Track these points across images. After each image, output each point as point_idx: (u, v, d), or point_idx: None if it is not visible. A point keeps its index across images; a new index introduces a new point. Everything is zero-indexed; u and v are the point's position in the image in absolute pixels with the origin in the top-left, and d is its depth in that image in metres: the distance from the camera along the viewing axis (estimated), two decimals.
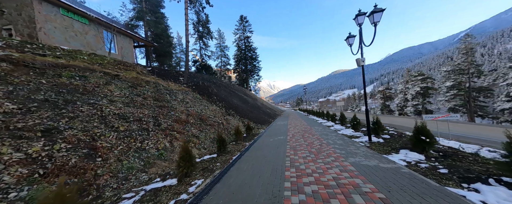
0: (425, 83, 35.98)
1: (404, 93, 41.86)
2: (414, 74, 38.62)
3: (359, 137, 6.35)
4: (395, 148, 4.66)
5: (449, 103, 31.60)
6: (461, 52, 29.93)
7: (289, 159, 4.37)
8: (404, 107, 41.26)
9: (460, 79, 30.31)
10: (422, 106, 36.62)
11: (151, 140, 5.34)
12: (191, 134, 7.04)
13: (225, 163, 4.51)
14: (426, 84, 35.75)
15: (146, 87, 9.31)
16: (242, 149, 6.09)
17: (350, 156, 4.19)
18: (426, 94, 36.07)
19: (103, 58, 11.17)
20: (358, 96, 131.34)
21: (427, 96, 36.19)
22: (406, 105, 40.32)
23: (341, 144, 5.54)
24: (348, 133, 7.57)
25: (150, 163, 4.44)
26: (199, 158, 5.46)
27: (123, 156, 4.23)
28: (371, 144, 5.32)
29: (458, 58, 30.53)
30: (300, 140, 6.79)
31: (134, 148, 4.68)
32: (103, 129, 4.68)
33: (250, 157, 4.83)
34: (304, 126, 11.58)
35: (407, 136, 5.88)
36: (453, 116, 7.08)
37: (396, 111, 43.17)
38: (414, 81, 37.79)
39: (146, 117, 6.42)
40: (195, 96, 12.57)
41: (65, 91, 5.40)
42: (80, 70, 7.15)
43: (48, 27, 11.18)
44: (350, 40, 6.10)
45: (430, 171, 3.11)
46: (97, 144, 4.10)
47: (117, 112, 5.67)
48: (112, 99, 6.28)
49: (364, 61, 5.33)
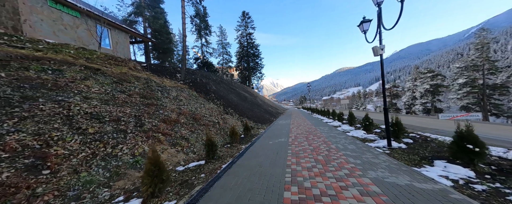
0: (435, 80, 34.36)
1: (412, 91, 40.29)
2: (423, 71, 36.98)
3: (375, 141, 5.38)
4: (424, 157, 3.69)
5: (461, 101, 30.03)
6: (476, 47, 28.22)
7: (290, 170, 3.47)
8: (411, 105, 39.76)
9: (473, 76, 28.68)
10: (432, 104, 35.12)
11: (127, 144, 4.52)
12: (179, 136, 6.21)
13: (211, 175, 3.64)
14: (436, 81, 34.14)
15: (135, 83, 8.52)
16: (235, 154, 5.22)
17: (369, 168, 3.26)
18: (436, 92, 34.51)
19: (92, 52, 10.42)
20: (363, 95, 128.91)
21: (437, 94, 34.64)
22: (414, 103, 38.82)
23: (354, 150, 4.60)
24: (359, 135, 6.60)
25: (119, 174, 3.61)
26: (183, 165, 4.62)
27: (83, 165, 3.41)
28: (392, 150, 4.36)
29: (472, 54, 28.82)
30: (303, 143, 5.87)
31: (102, 154, 3.86)
32: (65, 131, 3.87)
33: (243, 166, 3.95)
34: (308, 125, 10.63)
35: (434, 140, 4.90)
36: (474, 115, 6.06)
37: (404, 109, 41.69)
38: (423, 78, 36.21)
39: (127, 116, 5.61)
40: (191, 93, 11.75)
41: (28, 86, 4.61)
42: (55, 64, 6.38)
43: (34, 20, 10.43)
44: (365, 25, 5.10)
45: (494, 198, 2.17)
46: (50, 151, 3.29)
47: (90, 111, 4.87)
48: (88, 96, 5.48)
49: (383, 49, 4.35)
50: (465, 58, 30.01)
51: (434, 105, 34.78)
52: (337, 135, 6.89)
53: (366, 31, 5.16)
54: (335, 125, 10.40)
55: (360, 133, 6.77)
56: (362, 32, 5.21)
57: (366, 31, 5.15)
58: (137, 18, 25.86)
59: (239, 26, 41.44)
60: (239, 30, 41.64)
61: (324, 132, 7.96)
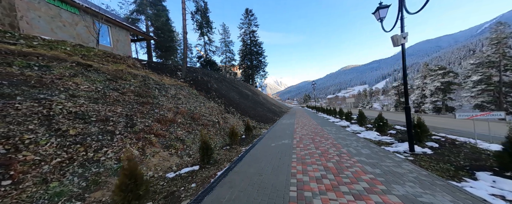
0: (447, 78, 32.85)
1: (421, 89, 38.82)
2: (434, 68, 35.49)
3: (392, 144, 4.74)
4: (460, 166, 3.05)
5: (475, 99, 28.60)
6: (492, 43, 26.71)
7: (295, 181, 2.91)
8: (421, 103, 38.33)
9: (489, 73, 27.22)
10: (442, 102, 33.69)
11: (113, 147, 4.05)
12: (174, 137, 5.73)
13: (203, 185, 3.13)
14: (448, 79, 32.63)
15: (132, 81, 8.10)
16: (234, 158, 4.70)
17: (394, 181, 2.66)
18: (447, 90, 33.03)
19: (90, 50, 10.07)
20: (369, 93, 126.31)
21: (448, 92, 33.15)
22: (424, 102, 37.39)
23: (369, 155, 3.99)
24: (372, 136, 5.95)
25: (98, 183, 3.15)
26: (175, 171, 4.13)
27: (55, 174, 2.95)
28: (415, 156, 3.73)
29: (488, 50, 27.30)
30: (310, 146, 5.29)
31: (81, 160, 3.40)
32: (41, 133, 3.43)
33: (241, 174, 3.42)
34: (313, 125, 10.00)
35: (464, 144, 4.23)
36: (495, 114, 5.33)
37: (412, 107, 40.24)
38: (434, 76, 34.73)
39: (117, 115, 5.16)
40: (191, 92, 11.30)
41: (6, 83, 4.20)
42: (44, 60, 6.00)
43: (31, 16, 10.15)
44: (381, 12, 4.44)
45: None
46: (17, 157, 2.84)
47: (75, 110, 4.43)
48: (75, 94, 5.06)
49: (406, 37, 3.70)
50: (480, 54, 28.53)
51: (445, 103, 33.34)
52: (347, 137, 6.26)
53: (383, 19, 4.50)
54: (343, 124, 9.73)
55: (373, 135, 6.12)
56: (378, 20, 4.55)
57: (383, 19, 4.49)
58: (139, 16, 25.64)
59: (243, 24, 40.81)
60: (242, 28, 41.02)
61: (331, 133, 7.34)
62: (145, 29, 25.23)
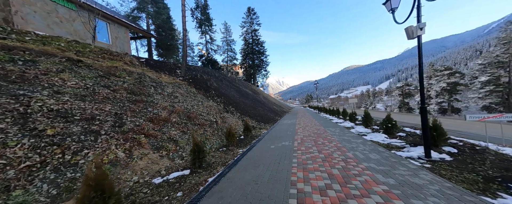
0: (453, 78, 32.02)
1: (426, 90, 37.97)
2: (440, 68, 34.66)
3: (403, 149, 4.29)
4: (489, 177, 2.60)
5: (483, 100, 27.80)
6: (501, 42, 25.90)
7: (295, 192, 2.51)
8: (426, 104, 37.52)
9: (497, 73, 26.40)
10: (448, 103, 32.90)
11: (95, 149, 3.69)
12: (167, 137, 5.36)
13: (189, 194, 2.74)
14: (454, 79, 31.80)
15: (126, 78, 7.76)
16: (229, 162, 4.31)
17: (412, 195, 2.23)
18: (453, 90, 32.20)
19: (86, 46, 9.77)
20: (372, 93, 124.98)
21: (454, 93, 32.32)
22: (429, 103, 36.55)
23: (379, 161, 3.55)
24: (380, 139, 5.50)
25: (72, 190, 2.78)
26: (164, 175, 3.75)
27: (21, 180, 2.59)
28: (433, 163, 3.29)
29: (497, 50, 26.47)
30: (312, 149, 4.87)
31: (56, 163, 3.04)
32: (12, 133, 3.08)
33: (234, 181, 3.03)
34: (316, 126, 9.56)
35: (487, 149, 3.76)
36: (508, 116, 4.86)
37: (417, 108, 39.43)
38: (439, 76, 33.93)
39: (105, 114, 4.81)
40: (189, 90, 10.94)
41: None
42: (31, 54, 5.68)
43: (26, 11, 9.87)
44: (393, 2, 4.00)
45: None
46: None
47: (57, 108, 4.09)
48: (60, 90, 4.72)
49: (423, 28, 3.26)
50: (488, 54, 27.69)
51: (451, 105, 32.54)
52: (352, 139, 5.82)
53: (395, 9, 4.05)
54: (347, 125, 9.27)
55: (381, 137, 5.66)
56: (389, 11, 4.10)
57: (394, 9, 4.04)
58: (140, 14, 25.38)
59: (244, 23, 40.37)
60: (244, 26, 40.59)
61: (335, 134, 6.90)
62: (146, 27, 24.99)
